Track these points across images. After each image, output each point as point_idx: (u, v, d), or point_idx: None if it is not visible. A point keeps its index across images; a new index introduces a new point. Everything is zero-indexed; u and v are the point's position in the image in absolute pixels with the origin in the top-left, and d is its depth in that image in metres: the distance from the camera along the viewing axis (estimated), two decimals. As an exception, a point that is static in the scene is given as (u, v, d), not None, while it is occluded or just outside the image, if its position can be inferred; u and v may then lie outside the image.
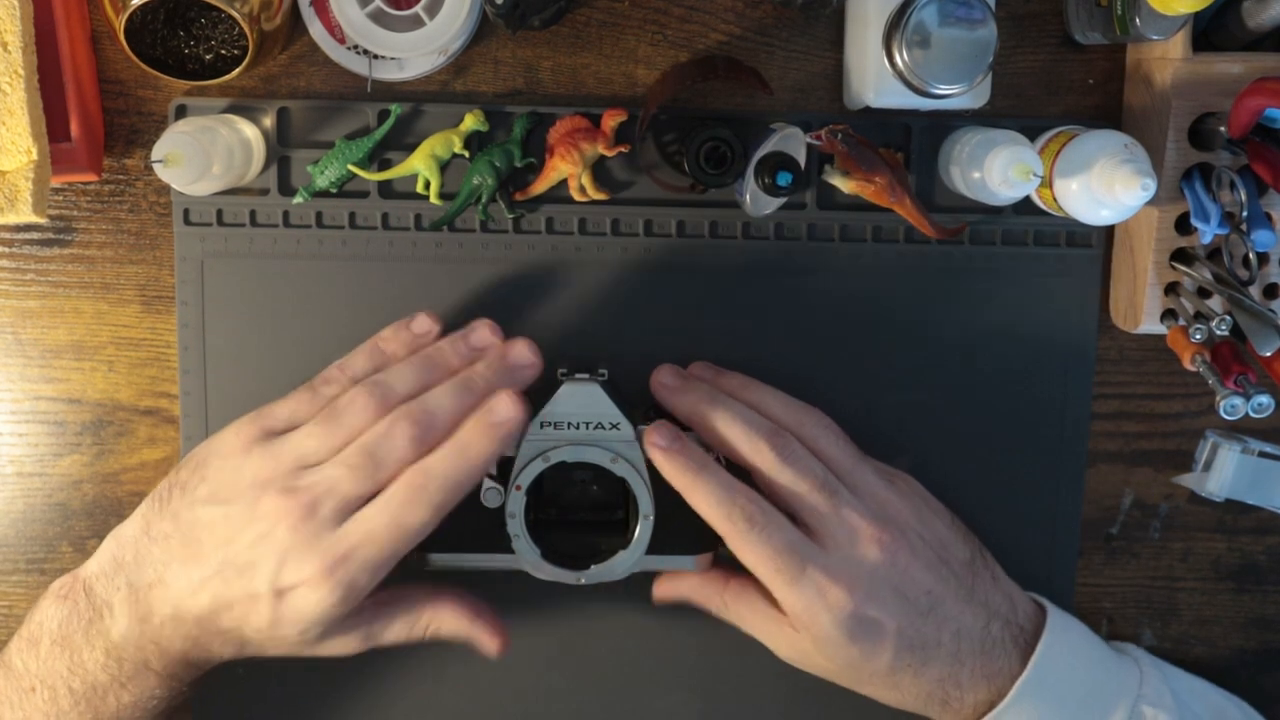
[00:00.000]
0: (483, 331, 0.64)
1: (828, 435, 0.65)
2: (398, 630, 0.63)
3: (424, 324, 0.65)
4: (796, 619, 0.61)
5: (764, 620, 0.65)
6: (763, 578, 0.62)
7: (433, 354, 0.63)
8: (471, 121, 0.68)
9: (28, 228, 0.71)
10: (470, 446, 0.60)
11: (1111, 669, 0.65)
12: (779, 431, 0.63)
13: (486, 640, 0.64)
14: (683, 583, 0.67)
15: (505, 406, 0.61)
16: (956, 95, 0.63)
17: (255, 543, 0.58)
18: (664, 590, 0.68)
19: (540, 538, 0.66)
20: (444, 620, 0.63)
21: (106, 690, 0.60)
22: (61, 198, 0.71)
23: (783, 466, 0.62)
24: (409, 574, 0.67)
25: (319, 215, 0.71)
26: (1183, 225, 0.68)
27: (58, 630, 0.60)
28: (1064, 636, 0.64)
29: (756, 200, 0.67)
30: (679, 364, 0.70)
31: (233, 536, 0.58)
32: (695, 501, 0.62)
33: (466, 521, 0.66)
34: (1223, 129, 0.65)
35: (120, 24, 0.61)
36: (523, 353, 0.63)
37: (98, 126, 0.69)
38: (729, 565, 0.65)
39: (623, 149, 0.68)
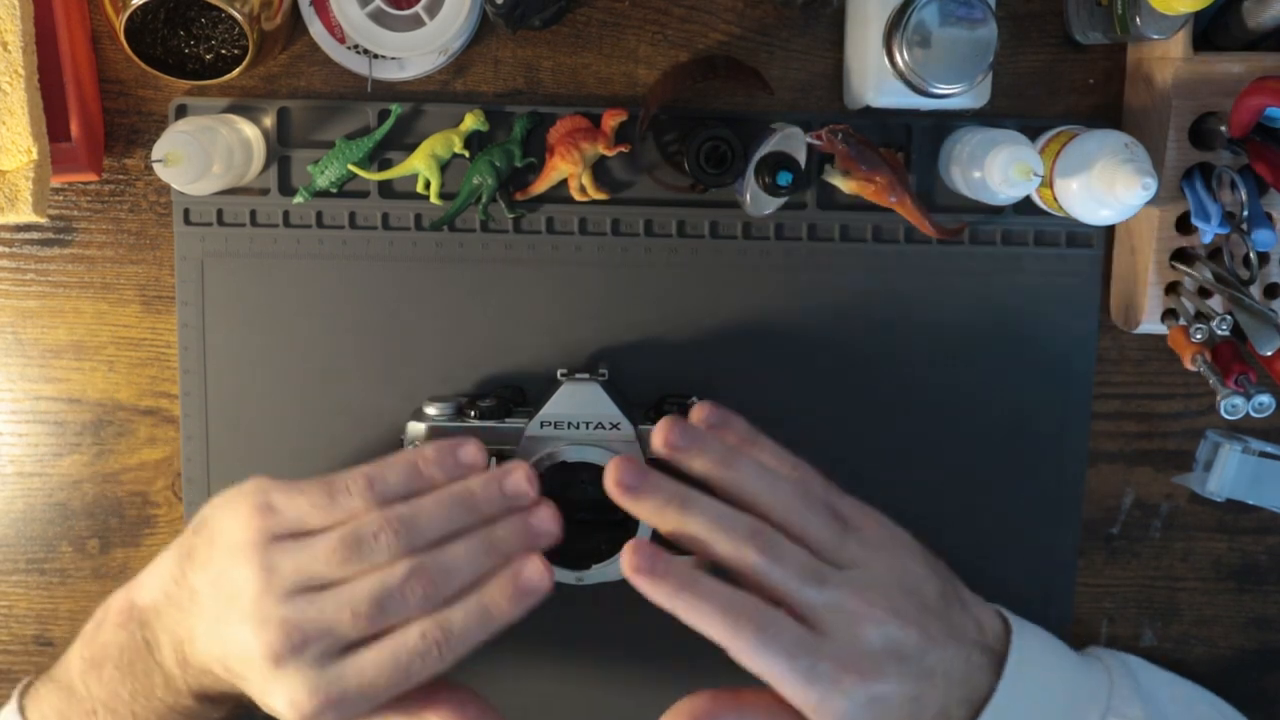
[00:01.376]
0: (518, 478, 0.60)
1: (807, 511, 0.61)
2: None
3: (472, 455, 0.60)
4: (815, 713, 0.59)
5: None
6: (775, 683, 0.59)
7: (465, 498, 0.59)
8: (472, 121, 0.68)
9: (28, 227, 0.71)
10: (494, 609, 0.58)
11: (1080, 680, 0.65)
12: (758, 530, 0.59)
13: None
14: (696, 706, 0.63)
15: (536, 573, 0.58)
16: (957, 95, 0.63)
17: (244, 661, 0.57)
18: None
19: (540, 538, 0.66)
20: None
21: (166, 714, 0.60)
22: (61, 197, 0.71)
23: (770, 565, 0.59)
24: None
25: (319, 215, 0.71)
26: (1183, 225, 0.68)
27: (119, 656, 0.59)
28: (1029, 652, 0.63)
29: (757, 200, 0.67)
30: (681, 365, 0.70)
31: (227, 639, 0.57)
32: (692, 621, 0.59)
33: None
34: (1223, 128, 0.65)
35: (120, 24, 0.61)
36: (547, 523, 0.59)
37: (98, 126, 0.69)
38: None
39: (623, 149, 0.68)
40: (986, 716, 0.61)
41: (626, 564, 0.58)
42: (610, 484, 0.59)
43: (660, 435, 0.60)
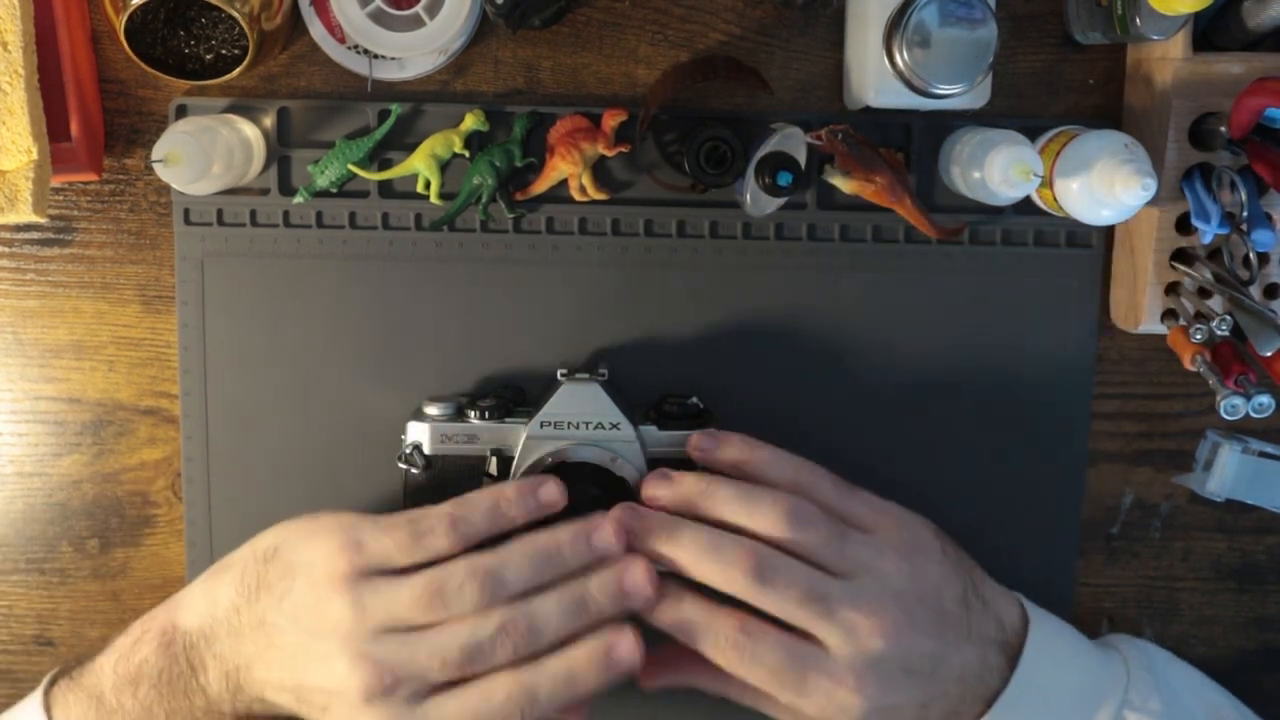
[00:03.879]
0: (606, 534, 0.60)
1: (807, 524, 0.61)
2: None
3: (552, 494, 0.61)
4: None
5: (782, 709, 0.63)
6: (773, 694, 0.60)
7: (552, 553, 0.60)
8: (472, 121, 0.68)
9: (28, 227, 0.71)
10: (581, 678, 0.58)
11: (1096, 672, 0.65)
12: (749, 550, 0.60)
13: None
14: (685, 674, 0.65)
15: (628, 649, 0.58)
16: (957, 95, 0.63)
17: (330, 693, 0.57)
18: (652, 682, 0.65)
19: (540, 538, 0.66)
20: None
21: None
22: (61, 197, 0.71)
23: (763, 591, 0.59)
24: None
25: (319, 215, 0.71)
26: (1183, 225, 0.68)
27: (158, 677, 0.60)
28: (1044, 645, 0.63)
29: (757, 200, 0.67)
30: (681, 365, 0.70)
31: (311, 670, 0.58)
32: (690, 643, 0.61)
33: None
34: (1223, 129, 0.65)
35: (120, 24, 0.61)
36: (640, 583, 0.59)
37: (98, 126, 0.69)
38: None
39: (623, 149, 0.68)
40: (997, 711, 0.61)
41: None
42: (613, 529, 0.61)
43: (648, 491, 0.63)
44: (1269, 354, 0.66)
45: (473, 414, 0.66)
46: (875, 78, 0.65)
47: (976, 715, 0.62)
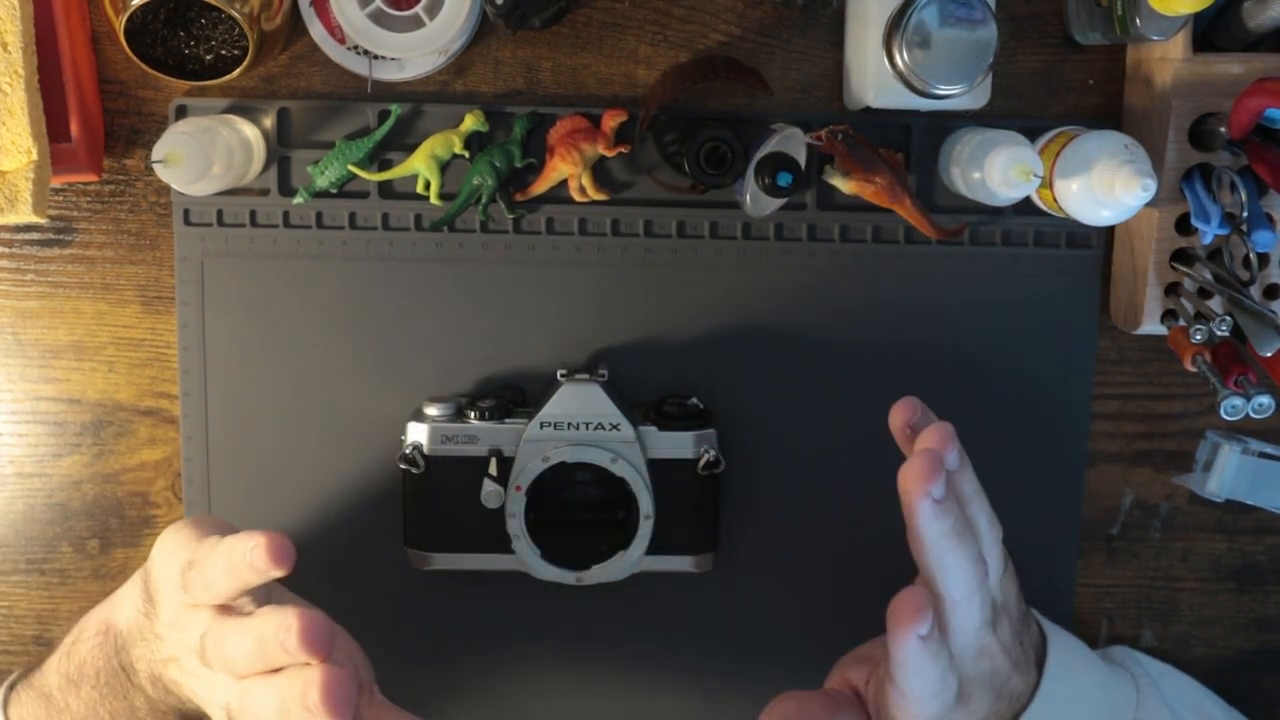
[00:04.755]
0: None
1: (998, 569, 0.59)
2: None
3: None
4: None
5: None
6: (914, 681, 0.56)
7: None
8: (471, 122, 0.68)
9: (28, 228, 0.71)
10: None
11: (1109, 691, 0.65)
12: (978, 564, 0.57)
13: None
14: (785, 708, 0.62)
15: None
16: (957, 95, 0.63)
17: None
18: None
19: (540, 538, 0.66)
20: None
21: None
22: (61, 198, 0.71)
23: (973, 596, 0.57)
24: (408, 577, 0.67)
25: (319, 215, 0.71)
26: (1183, 226, 0.68)
27: (96, 678, 0.60)
28: (1064, 661, 0.63)
29: (757, 201, 0.67)
30: (681, 365, 0.70)
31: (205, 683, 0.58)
32: (935, 562, 0.56)
33: (466, 522, 0.67)
34: (1223, 129, 0.65)
35: (120, 24, 0.61)
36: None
37: (98, 126, 0.69)
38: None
39: (623, 149, 0.68)
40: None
41: (910, 480, 0.55)
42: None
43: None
44: (1269, 354, 0.66)
45: (473, 414, 0.66)
46: (875, 78, 0.65)
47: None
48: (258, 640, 0.52)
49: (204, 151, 0.63)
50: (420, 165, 0.68)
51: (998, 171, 0.63)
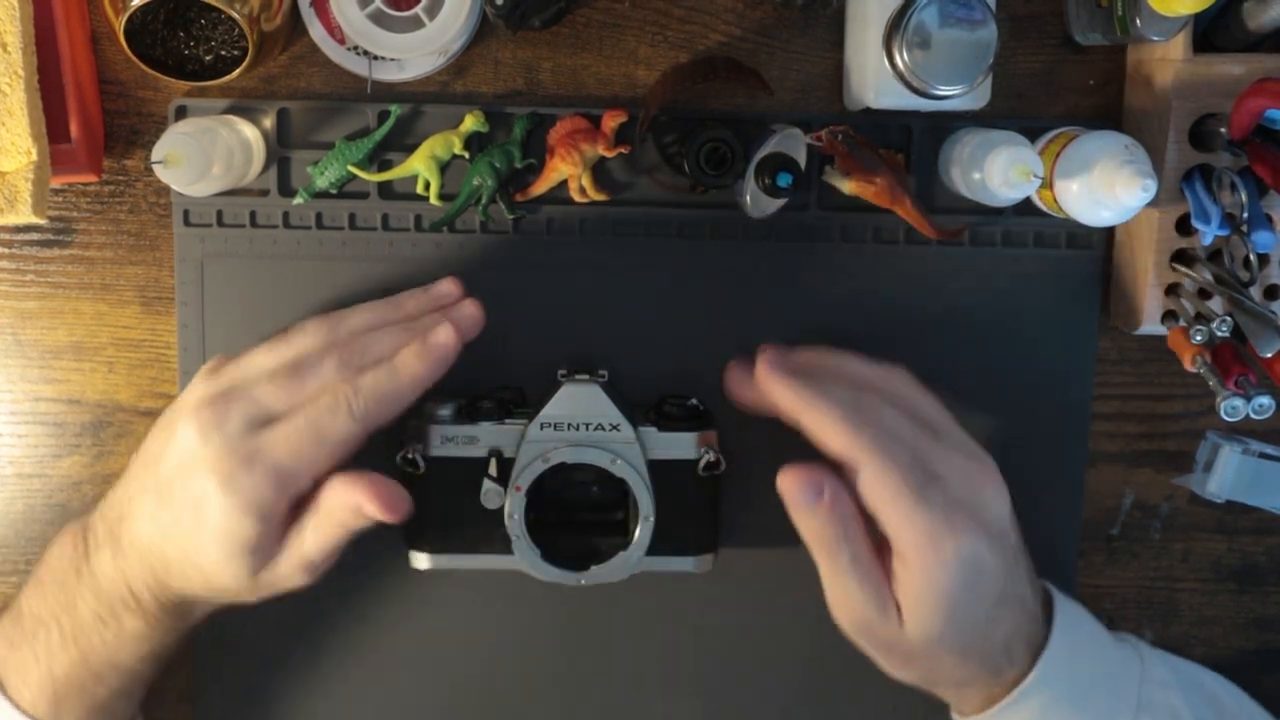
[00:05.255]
0: (444, 285, 0.66)
1: (914, 391, 0.62)
2: (316, 538, 0.60)
3: (445, 288, 0.66)
4: (913, 549, 0.57)
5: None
6: (885, 497, 0.57)
7: (395, 300, 0.65)
8: (471, 122, 0.68)
9: (28, 228, 0.71)
10: (403, 367, 0.60)
11: (1114, 655, 0.66)
12: (861, 392, 0.60)
13: (382, 515, 0.60)
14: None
15: (444, 333, 0.61)
16: (957, 96, 0.63)
17: (176, 460, 0.58)
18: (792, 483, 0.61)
19: (540, 539, 0.66)
20: (340, 508, 0.59)
21: (90, 628, 0.60)
22: (61, 198, 0.71)
23: (884, 412, 0.60)
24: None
25: (319, 216, 0.71)
26: (1183, 226, 0.68)
27: (59, 571, 0.61)
28: (1071, 622, 0.64)
29: (757, 201, 0.67)
30: (681, 365, 0.70)
31: (162, 456, 0.58)
32: (812, 420, 0.59)
33: (466, 522, 0.67)
34: (1223, 130, 0.65)
35: (120, 24, 0.61)
36: (467, 308, 0.64)
37: (98, 127, 0.69)
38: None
39: (623, 150, 0.68)
40: (1046, 657, 0.61)
41: (760, 364, 0.61)
42: (727, 383, 0.65)
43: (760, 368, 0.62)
44: (1269, 355, 0.66)
45: (473, 414, 0.66)
46: (875, 78, 0.65)
47: (1019, 670, 0.62)
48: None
49: (204, 152, 0.63)
50: (420, 166, 0.68)
51: (998, 172, 0.63)
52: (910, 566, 0.58)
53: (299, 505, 0.59)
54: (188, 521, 0.57)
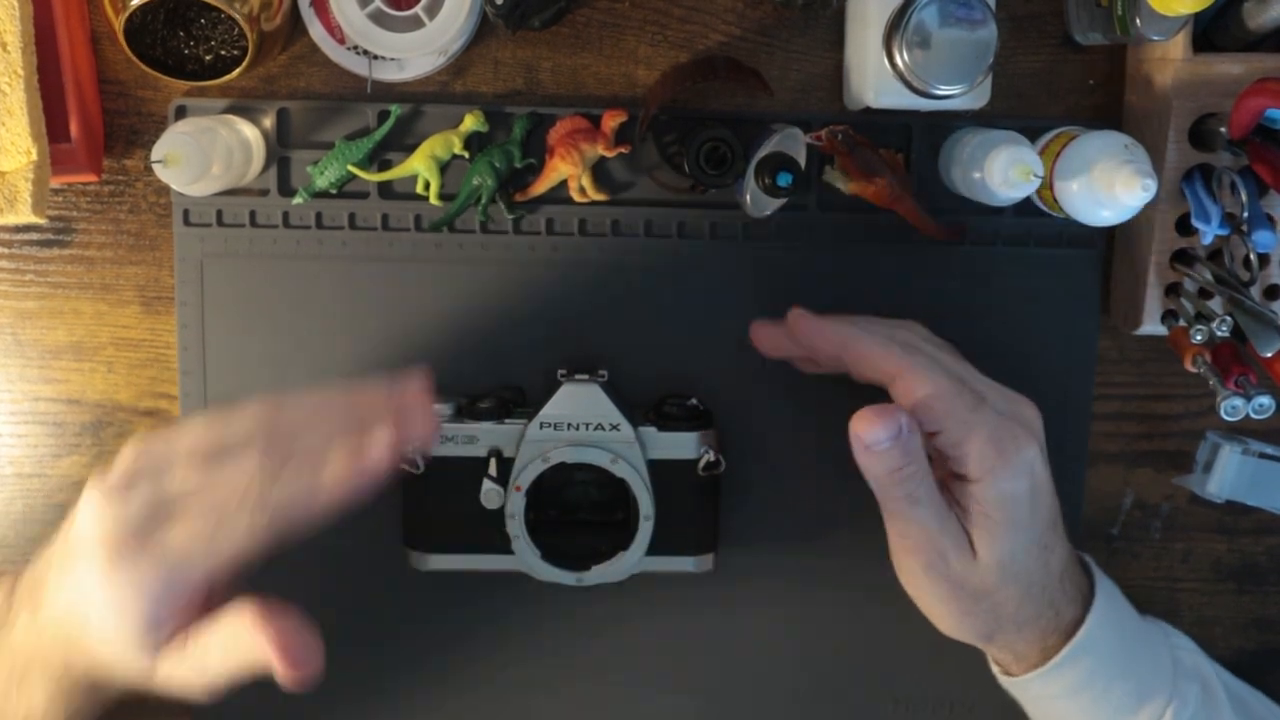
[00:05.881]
0: (412, 383, 0.57)
1: (935, 338, 0.65)
2: (219, 662, 0.54)
3: (413, 386, 0.58)
4: (979, 459, 0.59)
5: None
6: (947, 410, 0.59)
7: (351, 390, 0.57)
8: (471, 122, 0.68)
9: (27, 228, 0.71)
10: (326, 469, 0.53)
11: (1141, 621, 0.67)
12: (892, 339, 0.63)
13: (283, 671, 0.55)
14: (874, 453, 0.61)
15: (380, 440, 0.54)
16: (957, 96, 0.63)
17: (76, 534, 0.54)
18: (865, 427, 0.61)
19: (540, 539, 0.66)
20: (245, 645, 0.54)
21: (3, 694, 0.56)
22: (61, 198, 0.71)
23: (915, 353, 0.62)
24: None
25: (319, 216, 0.71)
26: (1183, 226, 0.68)
27: None
28: (1103, 578, 0.66)
29: (757, 201, 0.67)
30: (681, 365, 0.70)
31: (70, 526, 0.55)
32: (855, 350, 0.62)
33: (466, 522, 0.67)
34: (1223, 130, 0.65)
35: (120, 24, 0.61)
36: (422, 420, 0.56)
37: (97, 127, 0.69)
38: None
39: (623, 149, 0.68)
40: (1096, 607, 0.63)
41: (794, 312, 0.64)
42: (755, 335, 0.67)
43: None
44: (1269, 355, 0.66)
45: (473, 414, 0.66)
46: (875, 78, 0.65)
47: (1073, 619, 0.63)
48: None
49: (203, 152, 0.63)
50: (420, 165, 0.68)
51: (998, 171, 0.63)
52: (980, 483, 0.60)
53: (213, 597, 0.55)
54: (83, 598, 0.53)
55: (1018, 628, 0.62)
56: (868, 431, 0.59)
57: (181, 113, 0.69)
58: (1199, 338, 0.66)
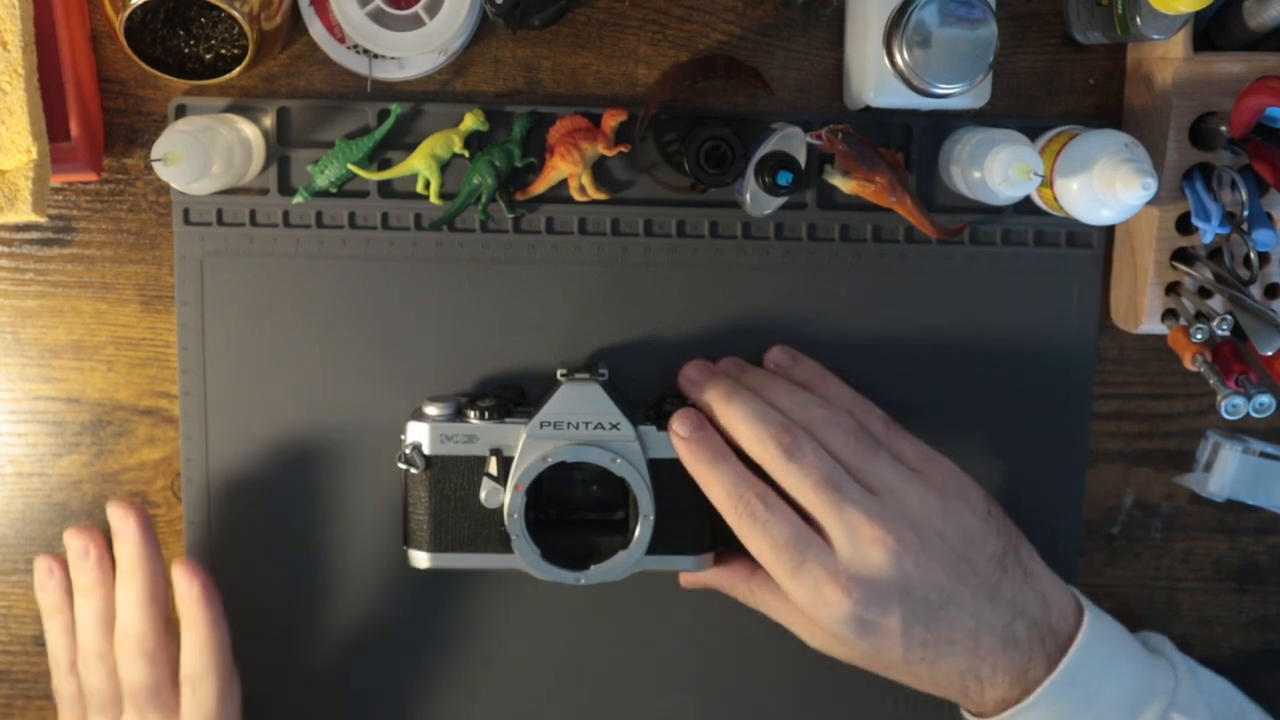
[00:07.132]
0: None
1: (839, 431, 0.64)
2: None
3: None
4: (804, 611, 0.62)
5: (787, 610, 0.67)
6: (767, 569, 0.63)
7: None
8: (471, 121, 0.68)
9: (27, 227, 0.71)
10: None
11: (1146, 673, 0.65)
12: (788, 428, 0.63)
13: None
14: (709, 572, 0.69)
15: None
16: (957, 95, 0.63)
17: None
18: (691, 579, 0.70)
19: (540, 538, 0.66)
20: None
21: None
22: (61, 197, 0.71)
23: (787, 464, 0.62)
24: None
25: (319, 215, 0.71)
26: (1184, 225, 0.68)
27: None
28: (1100, 640, 0.63)
29: (757, 200, 0.67)
30: (677, 363, 0.70)
31: None
32: (707, 490, 0.64)
33: (466, 521, 0.66)
34: (1224, 128, 0.65)
35: (120, 23, 0.61)
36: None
37: (98, 126, 0.69)
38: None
39: (623, 149, 0.68)
40: (1041, 696, 0.61)
41: (671, 427, 0.65)
42: (680, 379, 0.69)
43: (693, 368, 0.69)
44: (1270, 354, 0.66)
45: (472, 414, 0.66)
46: (875, 78, 0.65)
47: (1002, 693, 0.62)
48: None
49: (204, 151, 0.62)
50: (420, 165, 0.68)
51: (998, 171, 0.63)
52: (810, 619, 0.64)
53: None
54: None
55: (930, 672, 0.63)
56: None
57: (181, 111, 0.69)
58: (1199, 336, 0.66)
